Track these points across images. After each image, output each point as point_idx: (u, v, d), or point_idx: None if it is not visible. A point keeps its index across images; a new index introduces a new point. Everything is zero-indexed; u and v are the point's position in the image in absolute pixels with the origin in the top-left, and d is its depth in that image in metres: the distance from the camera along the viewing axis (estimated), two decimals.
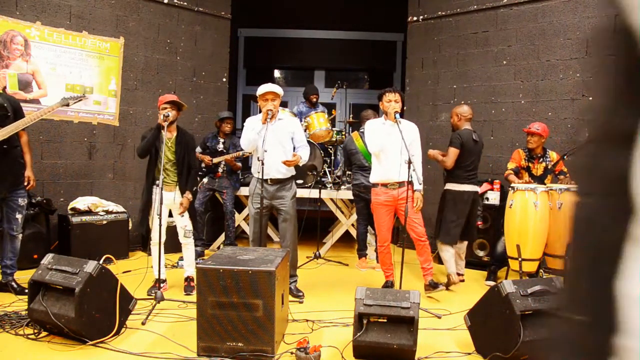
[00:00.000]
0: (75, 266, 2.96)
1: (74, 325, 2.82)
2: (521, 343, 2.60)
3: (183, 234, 4.05)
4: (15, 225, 3.80)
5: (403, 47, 8.43)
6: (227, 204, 5.46)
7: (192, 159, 4.14)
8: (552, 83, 5.15)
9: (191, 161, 4.10)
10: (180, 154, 3.98)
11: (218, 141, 5.54)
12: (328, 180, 5.83)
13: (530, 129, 4.52)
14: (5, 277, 3.84)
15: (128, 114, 5.64)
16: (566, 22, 5.03)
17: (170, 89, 5.88)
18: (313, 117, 5.76)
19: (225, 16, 6.43)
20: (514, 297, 2.69)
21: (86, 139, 5.35)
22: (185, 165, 4.02)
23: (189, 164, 4.07)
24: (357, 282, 4.30)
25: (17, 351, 2.82)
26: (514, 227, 4.17)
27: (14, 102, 3.84)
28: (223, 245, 5.61)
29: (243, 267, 2.79)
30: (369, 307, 2.78)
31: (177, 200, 4.00)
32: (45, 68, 4.99)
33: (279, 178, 3.89)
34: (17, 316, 3.28)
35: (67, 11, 5.11)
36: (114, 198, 5.45)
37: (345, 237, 5.97)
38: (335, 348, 2.94)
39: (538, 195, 4.08)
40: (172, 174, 3.99)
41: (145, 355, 2.82)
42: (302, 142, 3.99)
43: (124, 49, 5.52)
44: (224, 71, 6.49)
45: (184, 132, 4.08)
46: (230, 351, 2.76)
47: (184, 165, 4.01)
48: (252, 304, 2.76)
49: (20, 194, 3.81)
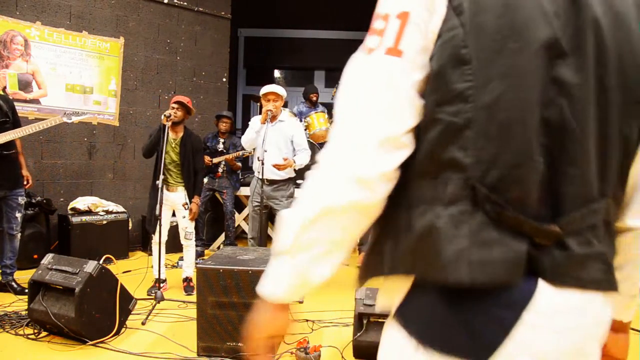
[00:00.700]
0: (75, 266, 2.96)
1: (74, 325, 2.82)
2: None
3: (184, 235, 4.05)
4: (14, 224, 3.80)
5: None
6: (227, 204, 5.46)
7: (198, 162, 4.09)
8: None
9: (197, 164, 4.06)
10: (184, 156, 3.96)
11: (218, 141, 5.54)
12: None
13: None
14: (5, 277, 3.84)
15: (128, 114, 5.64)
16: None
17: (170, 89, 5.88)
18: (313, 117, 5.76)
19: (225, 16, 6.42)
20: None
21: (86, 139, 5.35)
22: (190, 168, 3.98)
23: (195, 167, 4.03)
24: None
25: (17, 351, 2.82)
26: None
27: (11, 103, 3.83)
28: (223, 245, 5.61)
29: (243, 267, 2.79)
30: (369, 307, 2.77)
31: (180, 201, 3.99)
32: (45, 68, 4.99)
33: (275, 179, 3.89)
34: (17, 316, 3.28)
35: (67, 11, 5.10)
36: (114, 198, 5.45)
37: None
38: (335, 348, 2.94)
39: None
40: (175, 175, 3.98)
41: (145, 355, 2.82)
42: (302, 145, 3.98)
43: (124, 49, 5.52)
44: (224, 71, 6.49)
45: (190, 134, 4.04)
46: (230, 351, 2.76)
47: (189, 168, 3.98)
48: (252, 304, 2.74)
49: (19, 193, 3.82)
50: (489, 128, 0.70)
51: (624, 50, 0.74)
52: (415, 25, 0.72)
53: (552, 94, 0.71)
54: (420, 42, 0.72)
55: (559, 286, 0.71)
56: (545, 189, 0.72)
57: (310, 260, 0.78)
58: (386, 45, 0.73)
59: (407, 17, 0.72)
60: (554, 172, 0.72)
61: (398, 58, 0.72)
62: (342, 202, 0.73)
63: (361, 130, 0.73)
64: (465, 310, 0.71)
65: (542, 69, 0.70)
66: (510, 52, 0.69)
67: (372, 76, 0.74)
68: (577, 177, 0.73)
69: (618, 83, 0.74)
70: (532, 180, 0.71)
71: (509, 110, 0.69)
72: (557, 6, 0.71)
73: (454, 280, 0.69)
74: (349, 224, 0.76)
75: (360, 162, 0.72)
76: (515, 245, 0.70)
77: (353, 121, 0.74)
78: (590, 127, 0.73)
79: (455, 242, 0.70)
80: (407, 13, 0.72)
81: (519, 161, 0.70)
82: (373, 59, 0.75)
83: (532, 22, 0.69)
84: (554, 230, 0.71)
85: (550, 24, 0.70)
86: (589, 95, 0.72)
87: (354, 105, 0.74)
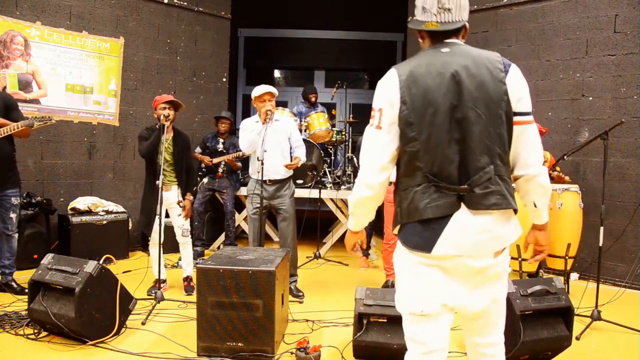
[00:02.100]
0: (75, 266, 2.96)
1: (74, 325, 2.82)
2: (521, 343, 2.60)
3: (181, 232, 4.05)
4: (10, 225, 3.80)
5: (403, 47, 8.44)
6: (227, 204, 5.46)
7: (189, 160, 4.17)
8: (552, 83, 5.15)
9: (188, 162, 4.13)
10: (177, 155, 4.00)
11: (218, 141, 5.54)
12: (328, 180, 5.83)
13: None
14: (5, 277, 3.84)
15: (128, 114, 5.64)
16: (566, 22, 5.03)
17: (170, 89, 5.88)
18: (313, 117, 5.76)
19: (225, 16, 6.43)
20: (514, 297, 2.69)
21: (86, 139, 5.35)
22: (183, 166, 4.04)
23: (187, 165, 4.10)
24: (357, 282, 4.30)
25: (17, 351, 2.82)
26: None
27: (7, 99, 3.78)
28: (223, 245, 5.61)
29: (243, 267, 2.79)
30: (369, 307, 2.78)
31: (174, 199, 4.00)
32: (45, 68, 5.00)
33: (277, 179, 3.90)
34: (17, 316, 3.28)
35: (67, 11, 5.11)
36: (114, 198, 5.45)
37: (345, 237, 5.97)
38: (335, 348, 2.94)
39: None
40: (169, 174, 4.00)
41: (145, 355, 2.82)
42: (298, 141, 4.04)
43: (124, 49, 5.52)
44: (224, 71, 6.49)
45: (179, 133, 4.09)
46: (230, 351, 2.76)
47: (182, 166, 4.03)
48: (252, 304, 2.76)
49: (12, 193, 3.80)
50: (427, 150, 1.54)
51: (485, 95, 1.54)
52: (386, 114, 1.59)
53: (455, 125, 1.53)
54: (389, 120, 1.58)
55: (472, 209, 1.55)
56: (460, 169, 1.54)
57: (357, 217, 1.78)
58: (374, 124, 1.61)
59: (382, 111, 1.60)
60: (463, 160, 1.54)
61: (380, 130, 1.60)
62: (363, 195, 1.67)
63: (369, 162, 1.63)
64: (424, 230, 1.56)
65: (448, 117, 1.53)
66: (430, 115, 1.53)
67: (371, 138, 1.63)
68: (474, 160, 1.54)
69: (484, 111, 1.54)
70: (452, 167, 1.54)
71: (434, 139, 1.53)
72: (448, 88, 1.53)
73: (424, 217, 1.55)
74: (368, 203, 1.70)
75: (369, 177, 1.63)
76: (449, 197, 1.55)
77: (366, 158, 1.64)
78: (476, 134, 1.53)
79: (423, 201, 1.56)
80: (381, 109, 1.60)
81: (443, 161, 1.54)
82: (371, 130, 1.63)
83: (438, 98, 1.53)
84: (464, 188, 1.54)
85: (448, 97, 1.53)
86: (472, 119, 1.53)
87: (366, 150, 1.64)
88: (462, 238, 1.53)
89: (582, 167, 4.96)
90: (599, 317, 3.36)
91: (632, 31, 4.63)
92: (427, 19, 1.59)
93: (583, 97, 4.95)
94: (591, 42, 4.87)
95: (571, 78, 5.02)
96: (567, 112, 5.06)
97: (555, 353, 2.80)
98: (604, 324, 3.37)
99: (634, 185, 4.63)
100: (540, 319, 2.72)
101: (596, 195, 4.64)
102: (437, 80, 1.52)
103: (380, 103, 1.58)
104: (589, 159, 4.91)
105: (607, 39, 4.77)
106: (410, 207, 1.57)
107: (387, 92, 1.57)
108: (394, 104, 1.55)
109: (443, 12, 1.56)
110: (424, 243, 1.55)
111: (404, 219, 1.60)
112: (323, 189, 5.45)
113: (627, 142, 4.67)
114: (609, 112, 4.77)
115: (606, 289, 4.28)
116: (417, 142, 1.53)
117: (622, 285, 4.41)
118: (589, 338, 3.24)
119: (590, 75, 4.89)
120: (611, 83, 4.75)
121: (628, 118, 4.60)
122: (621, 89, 4.70)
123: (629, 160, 4.66)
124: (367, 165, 1.61)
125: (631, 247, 4.58)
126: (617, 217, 4.67)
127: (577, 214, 4.23)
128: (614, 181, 4.72)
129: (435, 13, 1.57)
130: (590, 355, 3.01)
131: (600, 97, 4.83)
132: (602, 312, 3.39)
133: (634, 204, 4.56)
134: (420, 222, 1.55)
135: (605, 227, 3.60)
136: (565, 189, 4.25)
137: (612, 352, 3.06)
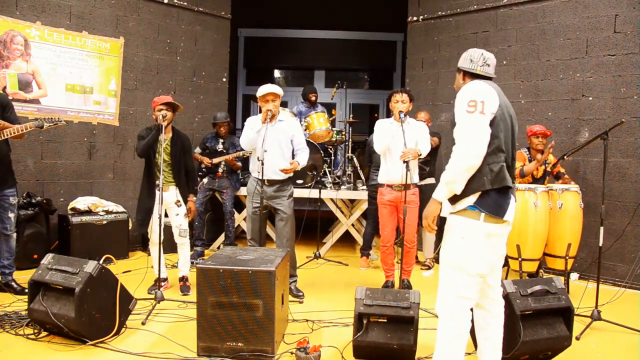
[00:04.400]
0: (75, 266, 2.96)
1: (74, 325, 2.82)
2: (521, 343, 2.60)
3: (178, 232, 4.05)
4: (8, 225, 3.80)
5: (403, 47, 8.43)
6: (227, 204, 5.46)
7: (189, 160, 4.17)
8: (552, 83, 5.15)
9: (188, 162, 4.13)
10: (175, 155, 4.00)
11: (217, 141, 5.54)
12: (328, 180, 5.83)
13: (537, 131, 4.49)
14: (5, 277, 3.84)
15: (128, 114, 5.64)
16: (566, 22, 5.03)
17: (170, 89, 5.88)
18: (313, 117, 5.75)
19: (225, 16, 6.43)
20: (514, 297, 2.69)
21: (86, 139, 5.35)
22: (181, 167, 4.04)
23: (186, 166, 4.10)
24: (357, 282, 4.30)
25: (17, 351, 2.82)
26: (514, 227, 4.15)
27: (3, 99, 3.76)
28: (223, 245, 5.61)
29: (243, 267, 2.79)
30: (369, 307, 2.78)
31: (172, 199, 4.00)
32: (45, 68, 4.99)
33: (276, 179, 3.89)
34: (17, 316, 3.28)
35: (67, 11, 5.11)
36: (114, 198, 5.45)
37: (345, 237, 5.97)
38: (335, 348, 2.94)
39: (538, 195, 4.08)
40: (167, 175, 4.01)
41: (145, 355, 2.82)
42: (301, 144, 3.98)
43: (124, 49, 5.52)
44: (224, 71, 6.49)
45: (179, 133, 4.09)
46: (230, 351, 2.76)
47: (180, 167, 4.03)
48: (252, 304, 2.76)
49: (10, 193, 3.80)
50: (503, 147, 2.21)
51: (512, 116, 2.30)
52: (488, 105, 2.15)
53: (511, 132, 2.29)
54: (490, 110, 2.16)
55: (513, 193, 2.28)
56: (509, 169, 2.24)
57: (456, 185, 2.16)
58: (478, 110, 2.13)
59: (484, 103, 2.14)
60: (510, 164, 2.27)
61: (483, 115, 2.14)
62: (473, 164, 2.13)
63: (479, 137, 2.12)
64: (500, 198, 2.18)
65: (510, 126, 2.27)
66: (504, 123, 2.23)
67: (475, 120, 2.14)
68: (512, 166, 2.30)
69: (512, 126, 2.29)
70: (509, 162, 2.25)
71: (505, 140, 2.22)
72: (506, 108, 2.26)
73: (508, 184, 2.20)
74: (472, 171, 2.15)
75: (480, 148, 2.13)
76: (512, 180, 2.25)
77: (474, 134, 2.12)
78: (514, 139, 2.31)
79: (507, 174, 2.21)
80: (484, 101, 2.14)
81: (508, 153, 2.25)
82: (474, 115, 2.14)
83: (506, 115, 2.25)
84: (513, 183, 2.25)
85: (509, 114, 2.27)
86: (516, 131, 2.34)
87: (472, 128, 2.13)
88: (513, 209, 2.24)
89: (582, 167, 4.96)
90: (599, 317, 3.36)
91: (632, 31, 4.63)
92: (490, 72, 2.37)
93: (583, 97, 4.95)
94: (591, 42, 4.87)
95: (571, 78, 5.02)
96: (567, 112, 5.06)
97: (555, 353, 2.80)
98: (604, 324, 3.37)
99: (634, 185, 4.63)
100: (541, 319, 2.72)
101: (596, 195, 4.64)
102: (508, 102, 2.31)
103: (482, 96, 2.14)
104: (589, 159, 4.91)
105: (607, 39, 4.77)
106: (500, 175, 2.15)
107: (488, 92, 2.17)
108: (494, 103, 2.16)
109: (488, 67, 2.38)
110: (498, 209, 2.16)
111: (495, 184, 2.15)
112: (323, 189, 5.45)
113: (627, 142, 4.67)
114: (609, 112, 4.78)
115: (606, 289, 4.29)
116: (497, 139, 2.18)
117: (622, 285, 4.41)
118: (589, 338, 3.24)
119: (590, 75, 4.89)
120: (611, 83, 4.75)
121: (628, 118, 4.60)
122: (621, 89, 4.70)
123: (629, 160, 4.67)
124: (477, 140, 2.10)
125: (631, 247, 4.58)
126: (617, 217, 4.67)
127: (577, 214, 4.23)
128: (614, 181, 4.73)
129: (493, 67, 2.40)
130: (590, 355, 3.01)
131: (600, 97, 4.83)
132: (602, 312, 3.40)
133: (634, 204, 4.56)
134: (500, 189, 2.16)
135: (605, 227, 3.60)
136: (566, 189, 4.24)
137: (612, 352, 3.06)
